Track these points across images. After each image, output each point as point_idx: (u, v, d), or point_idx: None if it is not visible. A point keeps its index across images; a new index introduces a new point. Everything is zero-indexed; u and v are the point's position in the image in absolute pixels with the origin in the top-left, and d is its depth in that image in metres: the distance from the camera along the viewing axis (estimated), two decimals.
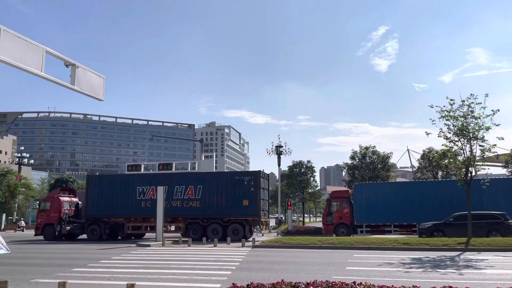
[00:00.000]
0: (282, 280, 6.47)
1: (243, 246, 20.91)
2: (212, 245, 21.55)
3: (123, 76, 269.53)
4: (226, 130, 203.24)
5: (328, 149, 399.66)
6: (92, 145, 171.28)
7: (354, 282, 6.01)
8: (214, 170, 28.51)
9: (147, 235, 30.67)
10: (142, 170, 31.25)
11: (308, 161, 58.30)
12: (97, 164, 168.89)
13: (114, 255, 17.38)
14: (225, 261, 14.77)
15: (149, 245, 21.74)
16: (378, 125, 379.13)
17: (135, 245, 22.58)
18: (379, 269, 12.33)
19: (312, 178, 59.38)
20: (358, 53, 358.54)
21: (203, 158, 35.55)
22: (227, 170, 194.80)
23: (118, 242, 26.50)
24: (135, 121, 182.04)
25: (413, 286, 5.74)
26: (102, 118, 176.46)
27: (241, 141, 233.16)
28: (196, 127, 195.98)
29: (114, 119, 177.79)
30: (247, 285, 6.01)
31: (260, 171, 27.39)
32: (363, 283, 5.94)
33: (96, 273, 12.26)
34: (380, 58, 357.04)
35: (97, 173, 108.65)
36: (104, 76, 10.92)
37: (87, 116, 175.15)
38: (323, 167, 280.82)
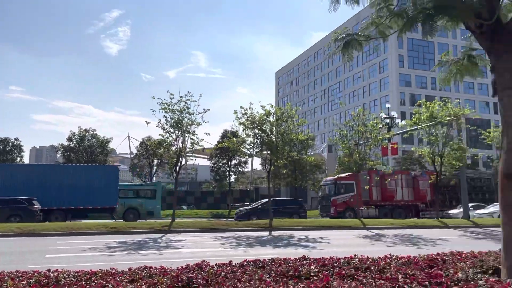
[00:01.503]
0: None
1: None
2: None
3: None
4: None
5: (45, 127, 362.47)
6: None
7: (49, 270, 5.63)
8: None
9: None
10: None
11: (16, 139, 52.78)
12: None
13: None
14: None
15: None
16: (102, 108, 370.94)
17: None
18: (82, 255, 12.03)
19: (19, 158, 53.55)
20: (88, 31, 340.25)
21: None
22: None
23: None
24: None
25: (110, 268, 5.85)
26: None
27: None
28: None
29: None
30: None
31: None
32: (59, 270, 5.63)
33: None
34: (111, 41, 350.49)
35: None
36: None
37: None
38: (34, 146, 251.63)
